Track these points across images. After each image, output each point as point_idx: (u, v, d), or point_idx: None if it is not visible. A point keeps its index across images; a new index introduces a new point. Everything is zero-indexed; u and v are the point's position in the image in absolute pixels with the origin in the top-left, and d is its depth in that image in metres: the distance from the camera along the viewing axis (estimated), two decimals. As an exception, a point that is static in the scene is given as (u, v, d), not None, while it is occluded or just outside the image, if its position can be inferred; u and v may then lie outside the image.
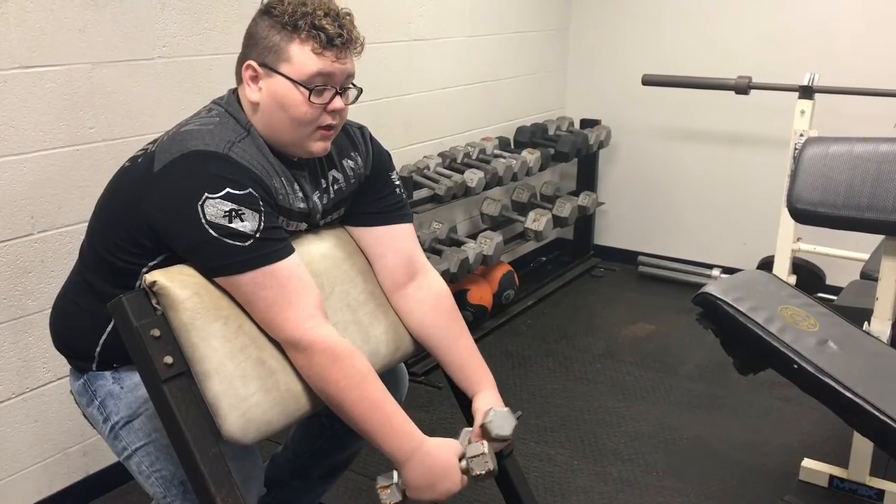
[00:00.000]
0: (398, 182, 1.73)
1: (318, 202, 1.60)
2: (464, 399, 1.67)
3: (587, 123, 4.25)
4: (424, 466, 1.46)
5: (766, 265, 3.40)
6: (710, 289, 1.77)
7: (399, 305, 1.69)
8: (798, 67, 3.29)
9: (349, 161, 1.65)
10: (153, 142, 1.51)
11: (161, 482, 1.53)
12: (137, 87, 2.27)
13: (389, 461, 1.48)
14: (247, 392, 1.39)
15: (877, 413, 1.53)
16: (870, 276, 2.48)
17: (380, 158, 1.70)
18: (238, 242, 1.37)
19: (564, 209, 3.80)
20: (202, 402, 1.37)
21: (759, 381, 2.80)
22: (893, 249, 2.04)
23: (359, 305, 1.63)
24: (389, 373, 1.69)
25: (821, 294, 3.30)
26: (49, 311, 1.67)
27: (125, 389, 1.54)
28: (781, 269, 3.21)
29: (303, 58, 1.45)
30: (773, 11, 3.75)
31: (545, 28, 4.17)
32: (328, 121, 1.50)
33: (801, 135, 3.08)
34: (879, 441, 1.65)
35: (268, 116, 1.49)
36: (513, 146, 3.91)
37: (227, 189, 1.37)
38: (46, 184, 2.10)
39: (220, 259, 1.38)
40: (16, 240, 2.06)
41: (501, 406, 1.60)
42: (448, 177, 3.22)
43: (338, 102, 1.49)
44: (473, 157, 3.51)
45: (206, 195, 1.36)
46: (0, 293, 2.06)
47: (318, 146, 1.52)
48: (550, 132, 4.05)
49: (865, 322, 2.08)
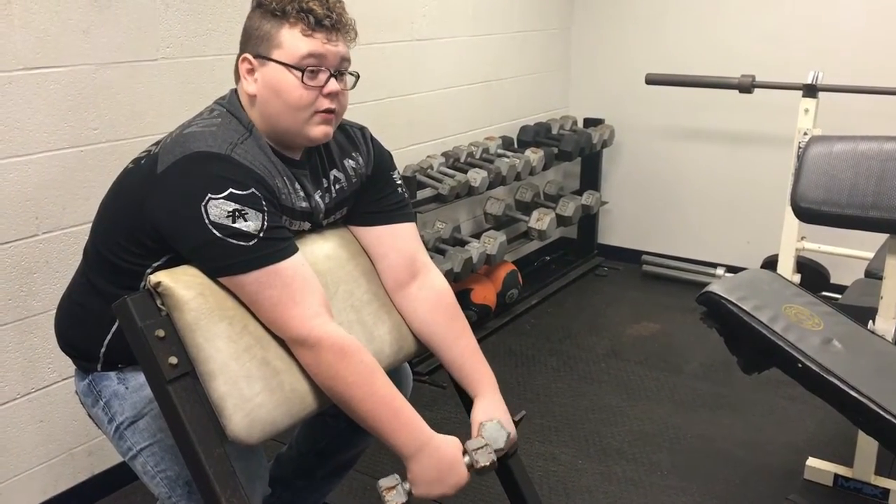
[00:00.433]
0: (400, 181, 1.73)
1: (320, 201, 1.60)
2: (467, 398, 1.67)
3: (590, 122, 4.24)
4: (433, 460, 1.46)
5: (771, 264, 3.40)
6: (714, 288, 1.77)
7: (401, 305, 1.69)
8: (802, 66, 3.28)
9: (350, 161, 1.66)
10: (156, 143, 1.52)
11: (166, 482, 1.54)
12: (141, 88, 2.27)
13: (394, 461, 1.48)
14: (251, 392, 1.39)
15: (882, 412, 1.53)
16: (874, 275, 2.47)
17: (381, 158, 1.70)
18: (242, 242, 1.38)
19: (568, 208, 3.80)
20: (207, 403, 1.37)
21: (764, 380, 2.78)
22: (898, 248, 2.04)
23: (363, 305, 1.64)
24: (394, 372, 1.69)
25: (825, 293, 3.30)
26: (54, 312, 1.67)
27: (130, 390, 1.55)
28: (786, 268, 3.20)
29: (293, 40, 1.45)
30: (777, 10, 3.75)
31: (548, 27, 4.17)
32: (326, 104, 1.49)
33: (805, 133, 3.07)
34: (884, 440, 1.65)
35: (265, 106, 1.49)
36: (516, 145, 3.91)
37: (230, 189, 1.37)
38: (51, 185, 2.11)
39: (225, 259, 1.38)
40: (21, 241, 2.07)
41: (499, 411, 1.59)
42: (451, 176, 3.22)
43: (333, 85, 1.49)
44: (477, 157, 3.51)
45: (210, 196, 1.36)
46: (5, 294, 2.06)
47: (319, 130, 1.51)
48: (554, 131, 4.05)
49: (870, 321, 2.08)
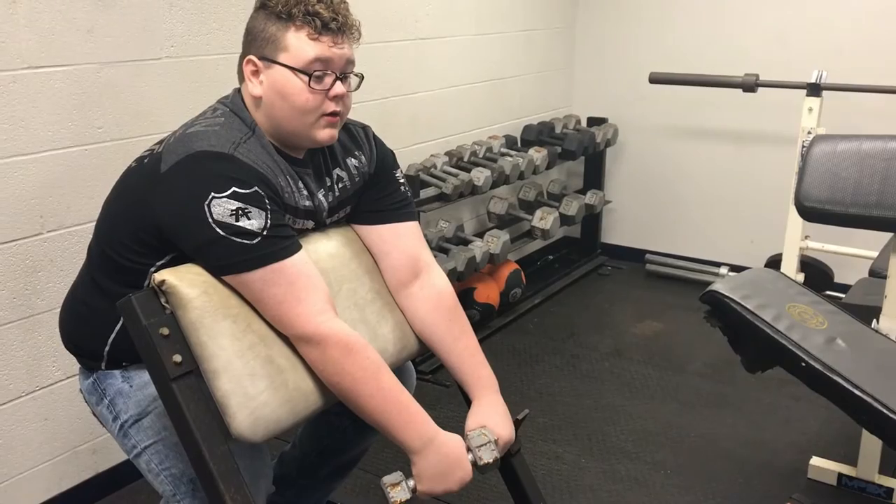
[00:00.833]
0: (403, 180, 1.73)
1: (324, 200, 1.60)
2: (469, 398, 1.66)
3: (594, 121, 4.24)
4: (440, 455, 1.46)
5: (774, 263, 3.40)
6: (718, 287, 1.77)
7: (404, 304, 1.69)
8: (805, 65, 3.28)
9: (353, 160, 1.66)
10: (159, 142, 1.52)
11: (170, 480, 1.54)
12: (145, 87, 2.28)
13: (397, 459, 1.49)
14: (255, 390, 1.39)
15: (885, 410, 1.53)
16: (878, 274, 2.47)
17: (384, 157, 1.70)
18: (245, 241, 1.38)
19: (571, 207, 3.80)
20: (211, 401, 1.37)
21: (767, 379, 2.79)
22: (902, 247, 2.04)
23: (366, 304, 1.64)
24: (397, 371, 1.68)
25: (829, 292, 3.29)
26: (58, 310, 1.68)
27: (134, 388, 1.55)
28: (789, 267, 3.20)
29: (299, 44, 1.45)
30: (781, 8, 3.74)
31: (552, 26, 4.17)
32: (332, 107, 1.49)
33: (809, 132, 3.07)
34: (888, 438, 1.65)
35: (271, 108, 1.49)
36: (519, 144, 3.91)
37: (234, 188, 1.38)
38: (55, 183, 2.11)
39: (229, 258, 1.39)
40: (25, 239, 2.07)
41: (494, 414, 1.58)
42: (455, 175, 3.22)
43: (339, 88, 1.49)
44: (480, 156, 3.51)
45: (213, 195, 1.36)
46: (10, 292, 2.07)
47: (325, 133, 1.51)
48: (557, 130, 4.05)
49: (874, 320, 2.08)
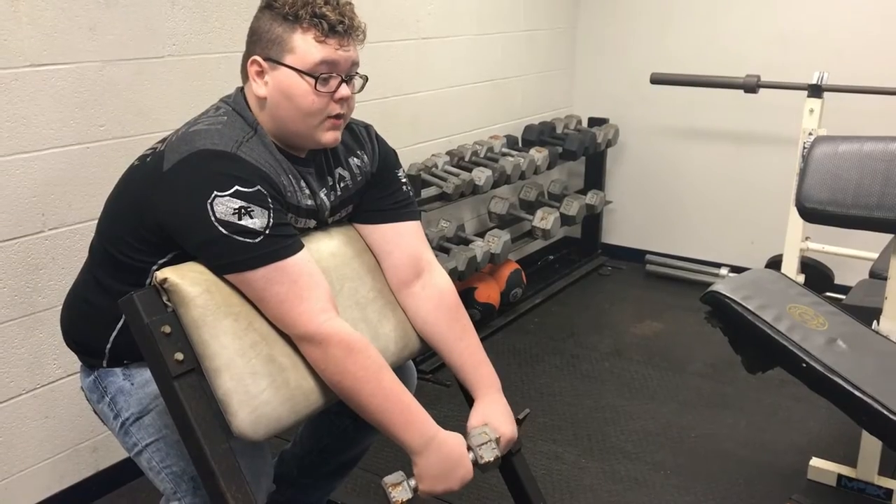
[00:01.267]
0: (405, 179, 1.73)
1: (326, 199, 1.60)
2: (470, 398, 1.67)
3: (595, 122, 4.24)
4: (441, 454, 1.47)
5: (775, 264, 3.40)
6: (719, 287, 1.77)
7: (405, 303, 1.69)
8: (807, 66, 3.28)
9: (355, 159, 1.66)
10: (162, 141, 1.52)
11: (171, 478, 1.54)
12: (147, 85, 2.28)
13: (398, 459, 1.49)
14: (257, 389, 1.39)
15: (885, 411, 1.53)
16: (879, 275, 2.47)
17: (386, 156, 1.71)
18: (248, 239, 1.38)
19: (572, 208, 3.80)
20: (212, 399, 1.38)
21: (768, 380, 2.79)
22: (903, 248, 2.04)
23: (367, 303, 1.64)
24: (398, 370, 1.68)
25: (829, 293, 3.30)
26: (60, 308, 1.68)
27: (136, 386, 1.55)
28: (790, 268, 3.21)
29: (306, 47, 1.45)
30: (782, 10, 3.74)
31: (553, 26, 4.17)
32: (336, 110, 1.50)
33: (810, 133, 3.07)
34: (888, 439, 1.65)
35: (275, 109, 1.49)
36: (521, 144, 3.91)
37: (236, 187, 1.38)
38: (57, 181, 2.11)
39: (231, 256, 1.39)
40: (27, 237, 2.08)
41: (496, 412, 1.59)
42: (456, 175, 3.23)
43: (344, 90, 1.49)
44: (481, 156, 3.51)
45: (216, 193, 1.37)
46: (11, 290, 2.07)
47: (329, 136, 1.52)
48: (558, 130, 4.05)
49: (874, 321, 2.08)
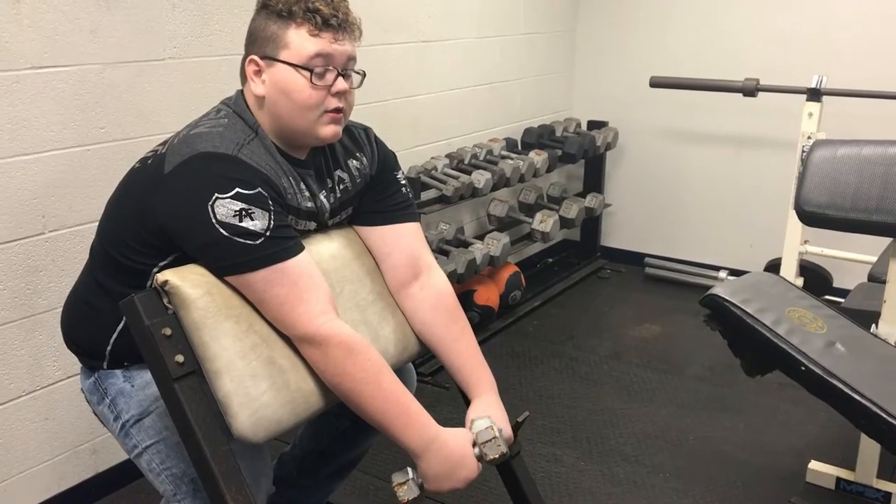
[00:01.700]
0: (404, 181, 1.73)
1: (325, 201, 1.61)
2: (467, 398, 1.67)
3: (594, 125, 4.24)
4: (442, 455, 1.47)
5: (774, 267, 3.40)
6: (718, 290, 1.78)
7: (404, 305, 1.69)
8: (806, 70, 3.29)
9: (354, 161, 1.66)
10: (163, 143, 1.52)
11: (171, 480, 1.54)
12: (148, 88, 2.28)
13: (397, 461, 1.49)
14: (257, 391, 1.39)
15: (884, 415, 1.53)
16: (877, 279, 2.48)
17: (385, 158, 1.71)
18: (249, 241, 1.38)
19: (571, 210, 3.81)
20: (213, 401, 1.38)
21: (767, 383, 2.79)
22: (901, 252, 2.04)
23: (367, 305, 1.64)
24: (397, 372, 1.68)
25: (828, 296, 3.30)
26: (60, 310, 1.68)
27: (136, 387, 1.55)
28: (789, 272, 3.21)
29: (300, 41, 1.46)
30: (781, 13, 3.75)
31: (553, 29, 4.17)
32: (334, 104, 1.50)
33: (809, 137, 3.08)
34: (887, 443, 1.65)
35: (274, 107, 1.49)
36: (520, 147, 3.92)
37: (237, 189, 1.38)
38: (58, 183, 2.12)
39: (232, 258, 1.39)
40: (27, 239, 2.08)
41: (493, 412, 1.58)
42: (455, 178, 3.23)
43: (341, 84, 1.50)
44: (481, 159, 3.51)
45: (216, 195, 1.37)
46: (11, 292, 2.07)
47: (329, 130, 1.52)
48: (558, 133, 4.05)
49: (873, 324, 2.08)
